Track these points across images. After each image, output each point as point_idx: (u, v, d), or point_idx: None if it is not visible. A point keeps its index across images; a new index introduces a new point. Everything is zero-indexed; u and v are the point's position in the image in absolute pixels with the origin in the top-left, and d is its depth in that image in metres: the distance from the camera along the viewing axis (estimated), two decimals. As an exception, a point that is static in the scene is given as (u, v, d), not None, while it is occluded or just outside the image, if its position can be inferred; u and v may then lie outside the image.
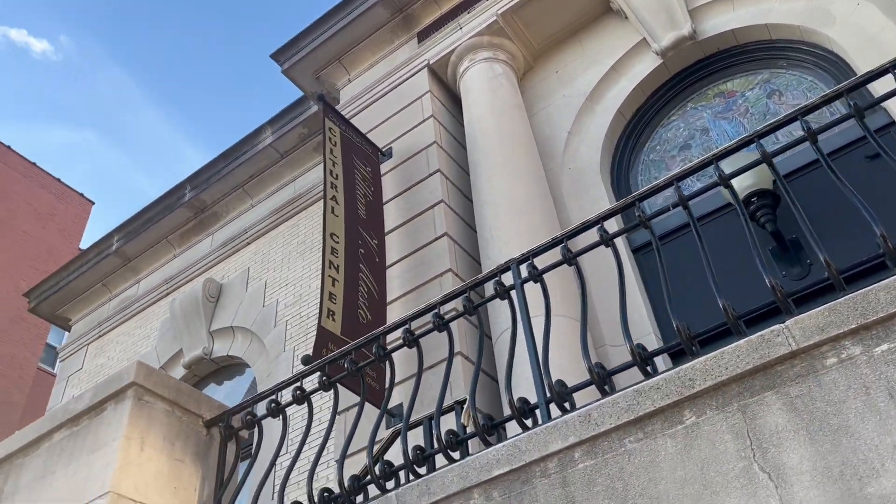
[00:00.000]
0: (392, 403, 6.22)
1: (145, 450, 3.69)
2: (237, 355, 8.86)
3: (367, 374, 6.03)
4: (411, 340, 3.60)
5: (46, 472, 3.82)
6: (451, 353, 3.59)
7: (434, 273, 7.15)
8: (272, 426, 6.49)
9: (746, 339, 2.38)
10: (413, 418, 3.75)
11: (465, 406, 3.73)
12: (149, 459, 3.68)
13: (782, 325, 2.34)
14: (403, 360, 5.86)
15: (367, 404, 3.90)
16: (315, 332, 7.20)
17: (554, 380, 3.02)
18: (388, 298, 7.29)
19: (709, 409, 2.36)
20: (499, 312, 6.44)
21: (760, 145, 2.93)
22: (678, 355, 5.41)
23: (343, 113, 8.34)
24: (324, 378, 3.80)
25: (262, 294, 9.00)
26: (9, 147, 17.45)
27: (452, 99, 8.36)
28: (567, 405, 2.93)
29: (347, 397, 6.53)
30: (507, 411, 3.19)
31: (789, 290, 2.63)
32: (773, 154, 2.99)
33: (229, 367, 9.16)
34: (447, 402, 4.08)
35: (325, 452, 6.52)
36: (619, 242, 7.03)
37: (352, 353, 3.79)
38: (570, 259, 3.24)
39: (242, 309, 9.05)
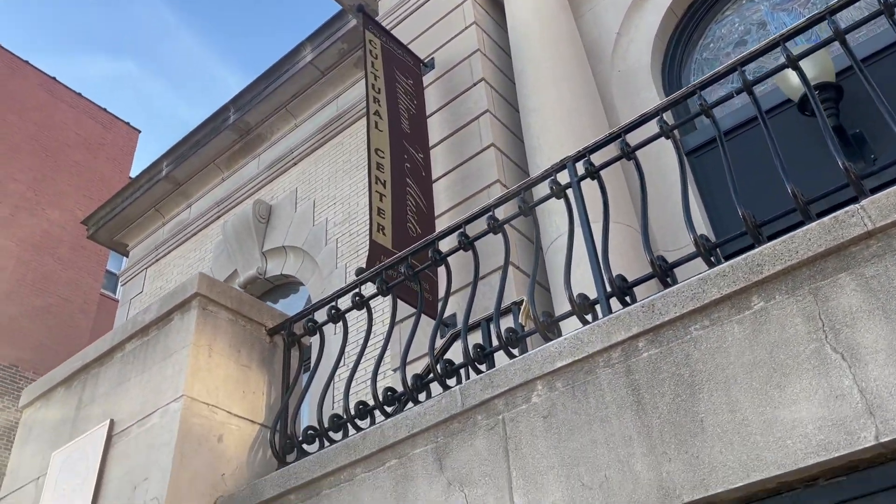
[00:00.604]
0: (446, 315, 6.31)
1: (213, 356, 3.83)
2: (291, 274, 9.04)
3: (421, 285, 6.13)
4: (467, 243, 3.61)
5: (122, 380, 4.00)
6: (507, 256, 3.58)
7: (482, 185, 7.10)
8: (331, 340, 6.66)
9: (818, 221, 2.30)
10: (470, 322, 3.79)
11: (523, 306, 3.75)
12: (217, 365, 3.82)
13: (857, 205, 2.25)
14: (456, 271, 5.91)
15: (421, 316, 3.94)
16: (366, 249, 7.29)
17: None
18: (437, 212, 7.29)
19: (778, 294, 2.32)
20: (549, 221, 6.39)
21: (833, 22, 2.76)
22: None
23: (383, 25, 8.15)
24: (381, 284, 3.85)
25: (312, 213, 9.08)
26: (54, 78, 17.63)
27: (495, 4, 8.09)
28: (628, 299, 2.92)
29: (401, 311, 6.64)
30: (565, 308, 3.19)
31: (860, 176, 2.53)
32: (844, 31, 2.82)
33: (284, 286, 9.37)
34: (503, 307, 4.10)
35: (381, 364, 6.69)
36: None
37: (408, 258, 3.82)
38: (629, 153, 3.16)
39: (293, 229, 9.18)
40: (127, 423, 3.77)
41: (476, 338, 4.20)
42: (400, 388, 3.61)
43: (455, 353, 3.96)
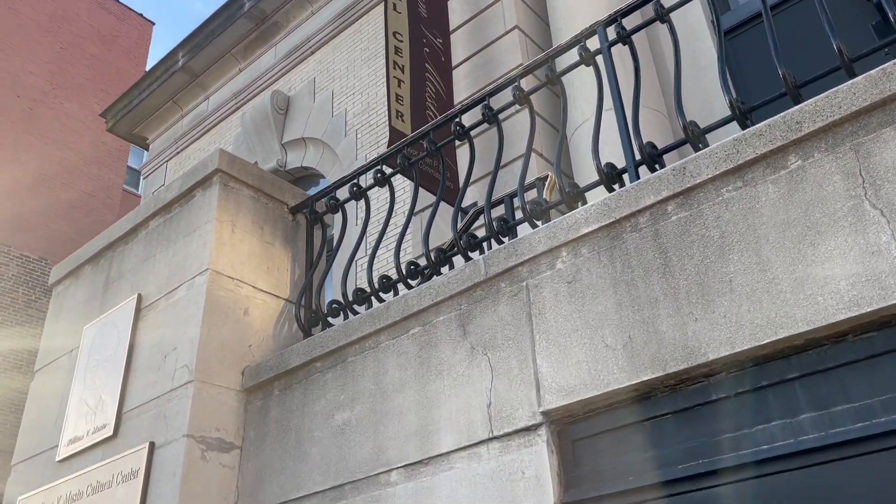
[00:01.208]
0: (467, 203, 6.27)
1: (236, 232, 3.83)
2: (311, 165, 8.99)
3: (439, 170, 6.09)
4: (491, 116, 3.51)
5: (147, 256, 4.04)
6: (532, 129, 3.48)
7: (504, 70, 6.91)
8: (352, 225, 6.64)
9: (865, 75, 2.19)
10: (494, 199, 3.73)
11: (548, 181, 3.69)
12: (241, 241, 3.83)
13: (908, 56, 2.13)
14: (477, 157, 5.83)
15: (441, 203, 3.90)
16: (386, 140, 7.18)
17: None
18: (457, 99, 7.13)
19: (817, 152, 2.23)
20: (574, 107, 6.23)
21: None
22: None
23: None
24: (403, 161, 3.78)
25: (330, 104, 8.93)
26: (63, -31, 17.13)
27: None
28: (657, 167, 2.85)
29: (422, 201, 6.61)
30: (593, 178, 3.13)
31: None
32: None
33: (304, 178, 9.33)
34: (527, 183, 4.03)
35: (402, 249, 6.71)
36: (708, 24, 6.57)
37: (430, 134, 3.74)
38: (664, 15, 3.00)
39: (311, 120, 9.05)
40: (154, 297, 3.84)
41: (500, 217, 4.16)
42: (423, 264, 3.61)
43: (478, 232, 3.93)
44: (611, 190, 2.90)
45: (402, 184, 7.21)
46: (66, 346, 4.27)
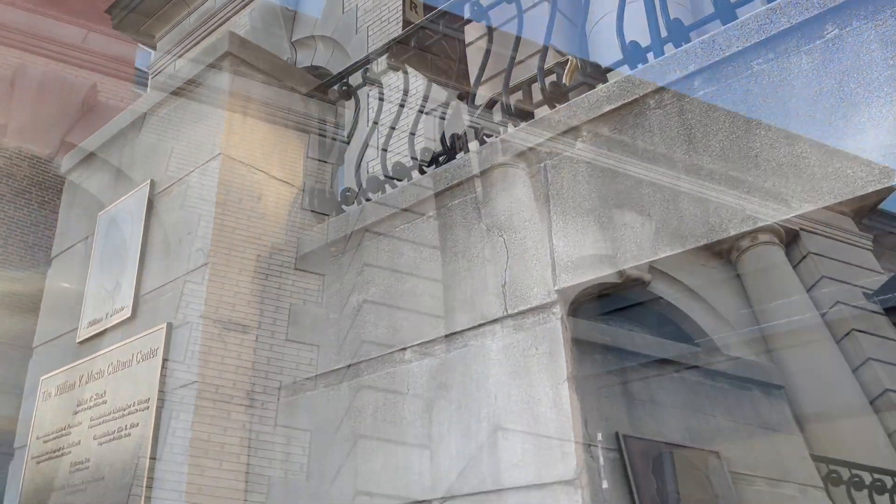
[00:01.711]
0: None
1: (248, 119, 3.76)
2: (321, 65, 8.78)
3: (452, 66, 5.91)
4: (510, -4, 3.37)
5: (159, 143, 3.99)
6: (553, 11, 3.35)
7: (523, -39, 6.61)
8: (364, 113, 6.52)
9: (913, -65, 2.05)
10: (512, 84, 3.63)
11: (569, 65, 3.57)
12: (252, 127, 3.77)
13: (962, -87, 1.99)
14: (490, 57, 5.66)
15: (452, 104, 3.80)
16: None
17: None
18: (473, -7, 6.87)
19: (855, 20, 2.12)
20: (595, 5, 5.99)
21: None
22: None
23: None
24: (418, 43, 3.67)
25: (341, 0, 8.65)
26: None
27: None
28: (683, 44, 2.74)
29: (433, 101, 6.45)
30: (616, 57, 3.02)
31: None
32: None
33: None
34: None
35: (416, 138, 6.61)
36: None
37: (446, 15, 3.61)
38: None
39: (322, 17, 8.79)
40: (167, 183, 3.81)
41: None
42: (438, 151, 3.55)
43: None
44: (635, 69, 2.80)
45: (416, 83, 7.04)
46: (81, 234, 4.29)
